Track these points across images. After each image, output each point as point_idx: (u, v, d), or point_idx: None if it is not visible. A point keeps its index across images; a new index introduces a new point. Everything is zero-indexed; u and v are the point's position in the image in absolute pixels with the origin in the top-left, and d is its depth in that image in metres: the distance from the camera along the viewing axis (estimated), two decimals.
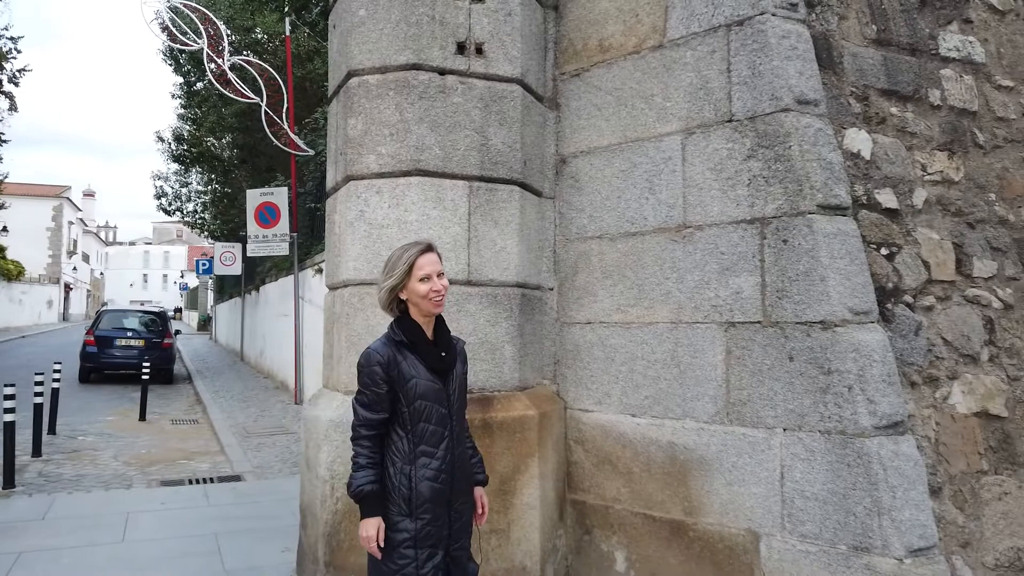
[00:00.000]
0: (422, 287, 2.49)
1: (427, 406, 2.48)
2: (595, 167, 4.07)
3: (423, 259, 2.51)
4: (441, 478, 2.48)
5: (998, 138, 4.14)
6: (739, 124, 3.46)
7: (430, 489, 2.46)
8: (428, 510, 2.46)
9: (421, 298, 2.50)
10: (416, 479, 2.45)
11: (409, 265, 2.49)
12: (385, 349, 2.49)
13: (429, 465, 2.47)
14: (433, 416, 2.49)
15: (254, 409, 11.46)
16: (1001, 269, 3.86)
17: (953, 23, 4.18)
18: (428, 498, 2.45)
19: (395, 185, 3.75)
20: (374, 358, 2.47)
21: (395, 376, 2.46)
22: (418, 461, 2.47)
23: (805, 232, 3.20)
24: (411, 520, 2.45)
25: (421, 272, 2.49)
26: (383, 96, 3.77)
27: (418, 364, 2.49)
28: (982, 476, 3.40)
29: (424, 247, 2.54)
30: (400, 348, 2.50)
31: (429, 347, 2.53)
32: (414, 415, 2.46)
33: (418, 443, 2.47)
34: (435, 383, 2.50)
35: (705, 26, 3.61)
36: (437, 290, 2.50)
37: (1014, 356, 3.74)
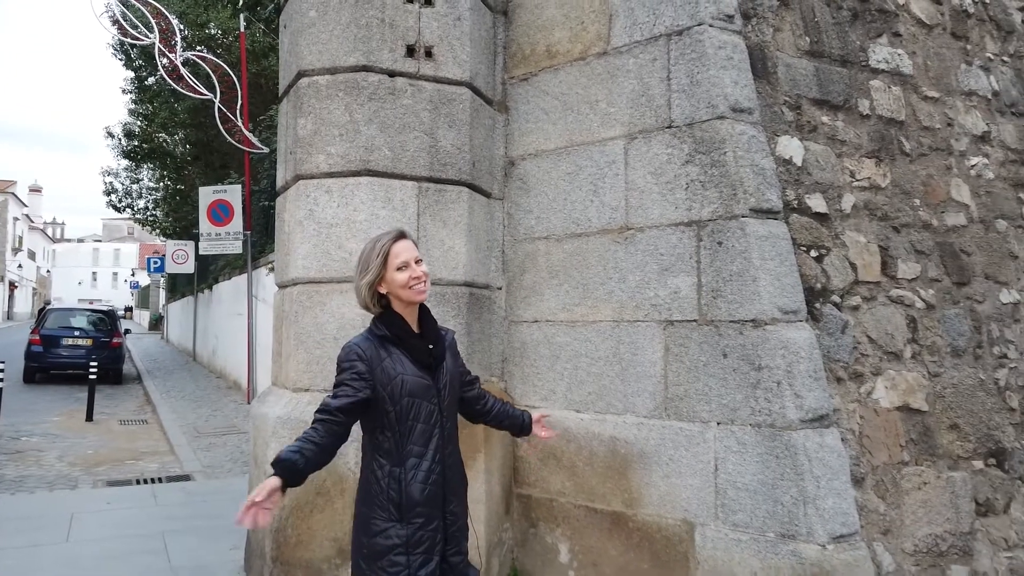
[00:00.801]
0: (401, 276, 2.33)
1: (415, 403, 2.31)
2: (542, 169, 4.17)
3: (397, 247, 2.36)
4: (432, 479, 2.32)
5: (923, 146, 4.36)
6: (678, 130, 3.60)
7: (421, 491, 2.30)
8: (420, 514, 2.30)
9: (401, 288, 2.34)
10: (406, 481, 2.29)
11: (384, 256, 2.34)
12: (367, 344, 2.33)
13: (419, 466, 2.31)
14: (422, 413, 2.33)
15: (206, 409, 11.33)
16: (924, 271, 4.08)
17: (883, 36, 4.39)
18: (419, 501, 2.29)
19: (344, 185, 3.80)
20: (354, 352, 2.30)
21: (378, 374, 2.28)
22: (407, 462, 2.30)
23: (738, 234, 3.35)
24: (401, 525, 2.28)
25: (397, 260, 2.34)
26: (333, 97, 3.82)
27: (404, 359, 2.33)
28: (903, 467, 3.60)
29: (396, 234, 2.39)
30: (384, 344, 2.34)
31: (415, 341, 2.37)
32: (401, 414, 2.30)
33: (406, 443, 2.31)
34: (424, 378, 2.34)
35: (647, 35, 3.74)
36: (417, 277, 2.35)
37: (935, 353, 3.95)
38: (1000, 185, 4.77)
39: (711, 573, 3.30)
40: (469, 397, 2.68)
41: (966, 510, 3.76)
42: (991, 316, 4.35)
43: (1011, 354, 4.37)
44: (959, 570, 3.63)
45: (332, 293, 3.79)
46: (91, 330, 15.52)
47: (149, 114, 18.78)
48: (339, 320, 3.77)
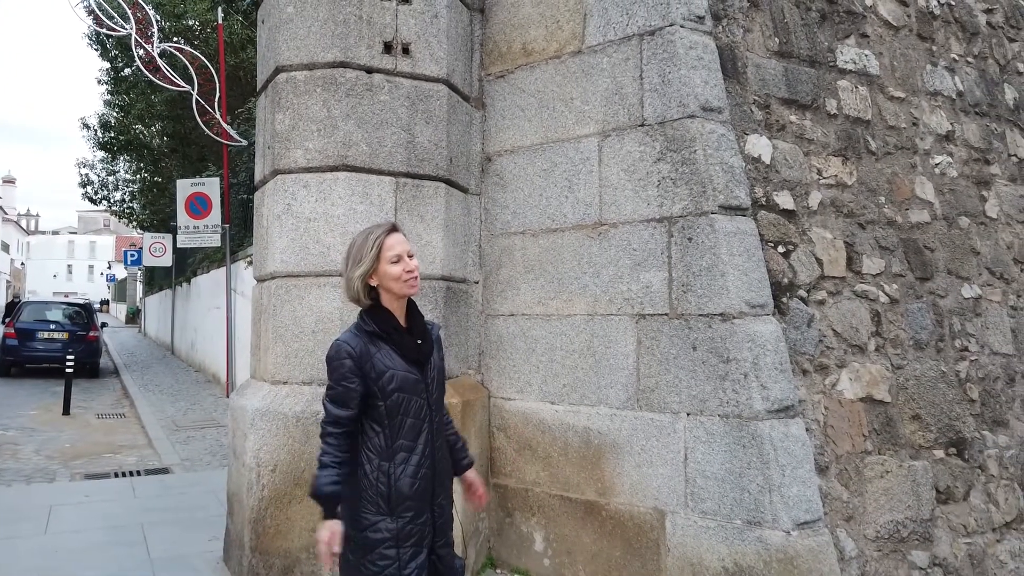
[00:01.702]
0: (394, 269, 2.32)
1: (404, 398, 2.32)
2: (518, 166, 4.24)
3: (391, 239, 2.35)
4: (421, 473, 2.34)
5: (889, 145, 4.48)
6: (650, 128, 3.68)
7: (410, 485, 2.32)
8: (410, 507, 2.32)
9: (394, 281, 2.33)
10: (395, 475, 2.30)
11: (378, 248, 2.33)
12: (356, 341, 2.31)
13: (409, 460, 2.32)
14: (411, 409, 2.33)
15: (184, 402, 11.30)
16: (888, 266, 4.20)
17: (851, 37, 4.50)
18: (408, 495, 2.31)
19: (322, 180, 3.85)
20: (344, 350, 2.29)
21: (368, 370, 2.28)
22: (396, 457, 2.31)
23: (708, 231, 3.44)
24: (391, 519, 2.30)
25: (391, 253, 2.33)
26: (311, 92, 3.86)
27: (393, 355, 2.33)
28: (866, 456, 3.72)
29: (389, 227, 2.39)
30: (373, 339, 2.33)
31: (404, 336, 2.37)
32: (391, 409, 2.30)
33: (396, 438, 2.32)
34: (412, 373, 2.35)
35: (620, 35, 3.82)
36: (410, 270, 2.35)
37: (898, 346, 4.08)
38: (963, 183, 4.92)
39: (680, 559, 3.41)
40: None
41: (927, 498, 3.89)
42: (953, 310, 4.49)
43: (972, 347, 4.51)
44: (919, 555, 3.76)
45: (310, 287, 3.83)
46: (67, 323, 15.37)
47: (125, 105, 18.58)
48: (317, 314, 3.82)
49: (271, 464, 3.72)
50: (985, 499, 4.19)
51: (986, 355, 4.58)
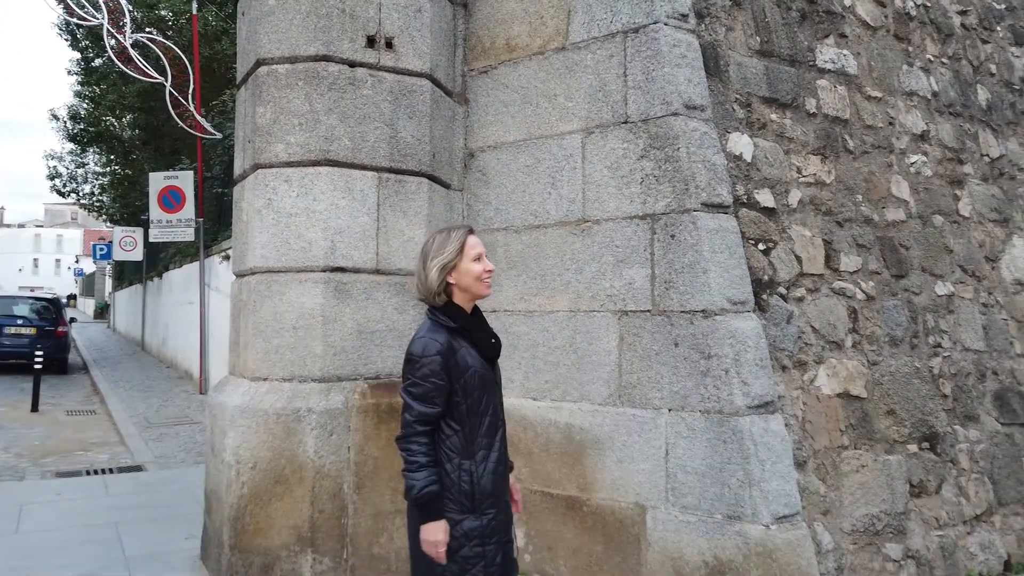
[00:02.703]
0: (476, 267, 2.35)
1: (484, 396, 2.35)
2: (501, 162, 4.24)
3: (472, 239, 2.38)
4: (499, 470, 2.39)
5: (866, 144, 4.55)
6: (634, 126, 3.69)
7: (492, 483, 2.35)
8: (492, 504, 2.35)
9: (475, 279, 2.35)
10: (477, 474, 2.33)
11: (461, 243, 2.35)
12: (443, 337, 2.31)
13: (489, 458, 2.36)
14: (490, 407, 2.37)
15: (156, 399, 11.15)
16: (865, 264, 4.27)
17: (830, 37, 4.56)
18: (491, 492, 2.35)
19: (304, 174, 3.81)
20: (433, 347, 2.28)
21: (452, 367, 2.29)
22: (477, 455, 2.34)
23: (690, 228, 3.47)
24: (475, 517, 2.32)
25: (473, 252, 2.35)
26: (292, 86, 3.82)
27: (473, 352, 2.35)
28: (843, 451, 3.78)
29: (469, 228, 2.42)
30: (454, 335, 2.33)
31: (483, 333, 2.41)
32: (472, 407, 2.33)
33: (476, 436, 2.34)
34: (488, 371, 2.38)
35: (604, 32, 3.83)
36: (490, 270, 2.40)
37: (874, 343, 4.14)
38: (937, 182, 5.00)
39: (661, 554, 3.43)
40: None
41: (901, 491, 3.96)
42: (927, 307, 4.58)
43: (945, 343, 4.60)
44: (893, 548, 3.83)
45: (291, 283, 3.80)
46: (35, 318, 15.06)
47: (96, 97, 18.25)
48: (298, 310, 3.78)
49: (251, 461, 3.69)
50: (956, 492, 4.28)
51: (958, 351, 4.68)
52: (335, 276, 3.80)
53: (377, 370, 3.87)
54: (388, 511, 3.76)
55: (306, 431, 3.66)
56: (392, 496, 3.77)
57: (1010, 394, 4.89)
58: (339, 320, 3.79)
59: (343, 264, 3.82)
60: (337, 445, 3.69)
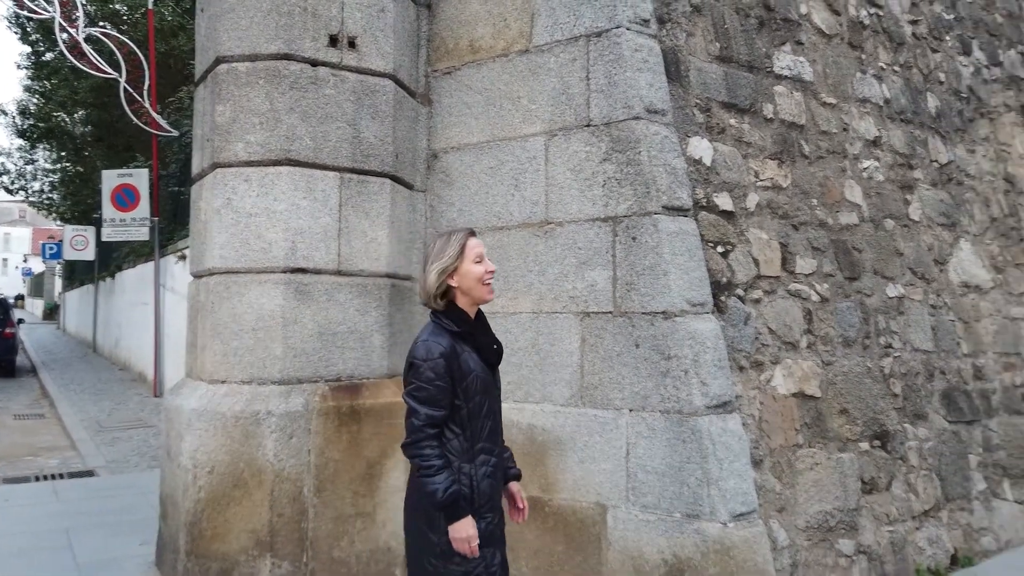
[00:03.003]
0: (477, 269, 2.33)
1: (485, 401, 2.35)
2: (465, 163, 4.24)
3: (473, 240, 2.36)
4: (497, 474, 2.42)
5: (821, 149, 4.66)
6: (596, 129, 3.73)
7: (490, 486, 2.37)
8: (491, 508, 2.37)
9: (476, 281, 2.34)
10: (477, 478, 2.33)
11: (461, 246, 2.33)
12: (446, 340, 2.30)
13: (488, 462, 2.37)
14: (491, 411, 2.38)
15: (108, 402, 10.88)
16: (820, 267, 4.37)
17: (787, 44, 4.66)
18: (489, 495, 2.37)
19: (264, 174, 3.76)
20: (436, 350, 2.28)
21: (455, 370, 2.29)
22: (478, 459, 2.35)
23: (651, 231, 3.51)
24: (475, 521, 2.32)
25: (473, 253, 2.33)
26: (253, 84, 3.77)
27: (475, 356, 2.35)
28: (798, 449, 3.86)
29: (470, 231, 2.40)
30: (456, 339, 2.33)
31: (485, 338, 2.40)
32: (474, 411, 2.33)
33: (477, 440, 2.35)
34: (489, 376, 2.39)
35: (567, 35, 3.85)
36: (492, 271, 2.38)
37: (828, 343, 4.25)
38: (889, 187, 5.15)
39: (621, 553, 3.47)
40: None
41: (853, 488, 4.06)
42: (878, 309, 4.70)
43: (895, 344, 4.74)
44: (846, 543, 3.93)
45: (251, 284, 3.75)
46: None
47: (47, 92, 17.75)
48: (258, 311, 3.73)
49: (208, 465, 3.63)
50: (906, 489, 4.41)
51: (908, 352, 4.82)
52: (296, 277, 3.76)
53: (338, 372, 3.84)
54: (349, 514, 3.73)
55: (265, 434, 3.62)
56: (353, 499, 3.75)
57: (957, 393, 5.05)
58: (300, 322, 3.75)
59: (304, 265, 3.78)
60: (297, 448, 3.65)
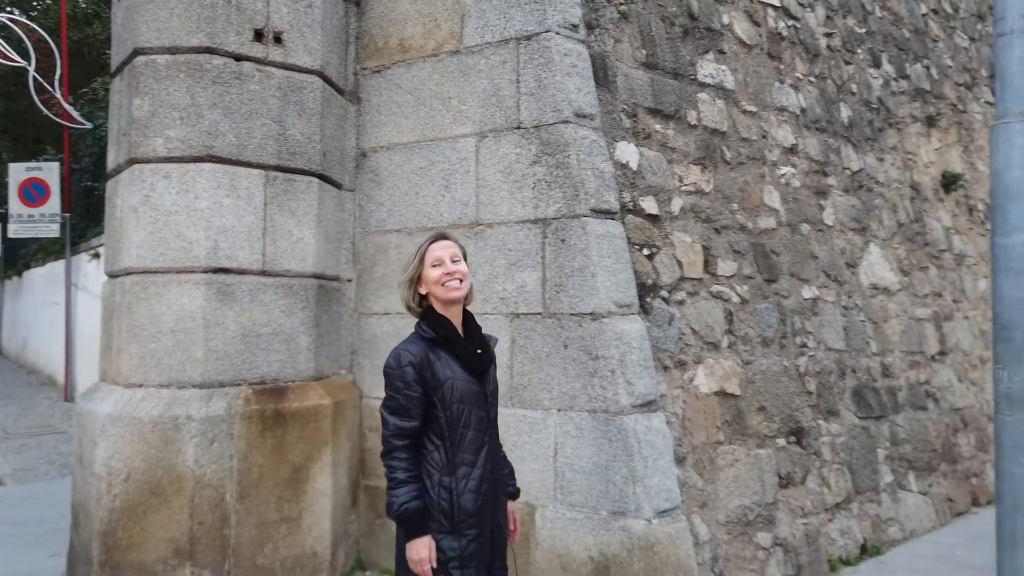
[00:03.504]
0: (433, 273, 2.29)
1: (466, 409, 2.27)
2: (395, 163, 4.21)
3: (435, 245, 2.34)
4: (484, 488, 2.29)
5: (742, 156, 4.82)
6: (526, 132, 3.76)
7: (473, 501, 2.26)
8: (473, 525, 2.26)
9: (434, 284, 2.30)
10: (457, 492, 2.25)
11: (421, 254, 2.33)
12: (417, 348, 2.27)
13: (471, 475, 2.27)
14: (472, 420, 2.28)
15: (15, 407, 10.33)
16: (740, 269, 4.52)
17: (710, 52, 4.80)
18: (472, 512, 2.25)
19: (185, 171, 3.65)
20: (405, 358, 2.25)
21: (428, 378, 2.24)
22: (458, 472, 2.26)
23: (580, 233, 3.57)
24: (454, 537, 2.24)
25: (432, 257, 2.31)
26: (173, 78, 3.65)
27: (453, 364, 2.28)
28: (719, 446, 3.99)
29: (437, 235, 2.39)
30: (432, 346, 2.28)
31: (465, 344, 2.33)
32: (452, 420, 2.25)
33: (457, 451, 2.26)
34: (473, 384, 2.30)
35: (498, 37, 3.87)
36: (450, 272, 2.29)
37: (747, 343, 4.40)
38: (805, 193, 5.37)
39: (549, 552, 3.51)
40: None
41: (770, 483, 4.23)
42: (795, 310, 4.90)
43: (810, 344, 4.95)
44: (764, 536, 4.08)
45: (170, 284, 3.63)
46: None
47: None
48: (177, 312, 3.62)
49: (124, 472, 3.50)
50: (820, 482, 4.61)
51: (822, 351, 5.04)
52: (218, 277, 3.66)
53: (263, 375, 3.75)
54: (273, 520, 3.66)
55: (185, 439, 3.51)
56: (278, 504, 3.67)
57: (866, 390, 5.31)
58: (222, 323, 3.65)
59: (227, 265, 3.68)
60: (219, 453, 3.56)
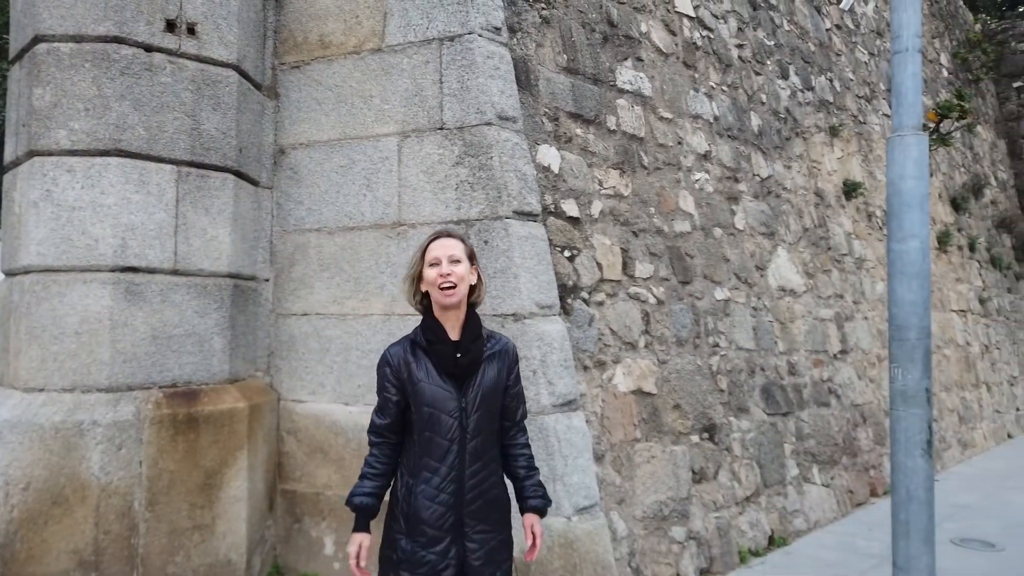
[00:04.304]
0: (430, 273, 2.24)
1: (433, 414, 2.22)
2: (315, 160, 4.13)
3: (435, 244, 2.27)
4: (441, 498, 2.22)
5: (659, 161, 4.96)
6: (449, 132, 3.76)
7: (425, 508, 2.21)
8: (424, 532, 2.20)
9: (431, 286, 2.24)
10: (415, 495, 2.22)
11: (422, 251, 2.28)
12: (397, 349, 2.30)
13: (430, 481, 2.22)
14: (439, 426, 2.22)
15: None
16: (656, 271, 4.66)
17: (628, 60, 4.92)
18: (424, 519, 2.20)
19: (90, 165, 3.48)
20: (384, 357, 2.30)
21: (404, 380, 2.25)
22: (420, 475, 2.23)
23: (502, 235, 3.60)
24: (407, 540, 2.22)
25: (430, 256, 2.25)
26: (78, 67, 3.48)
27: (429, 366, 2.25)
28: (636, 443, 4.10)
29: (439, 232, 2.32)
30: (414, 348, 2.28)
31: (443, 347, 2.25)
32: (420, 423, 2.24)
33: (422, 455, 2.24)
34: (445, 389, 2.24)
35: (420, 37, 3.86)
36: (444, 274, 2.21)
37: (663, 343, 4.54)
38: (718, 198, 5.57)
39: None
40: (500, 427, 2.40)
41: (684, 479, 4.37)
42: (708, 311, 5.08)
43: (722, 343, 5.14)
44: (678, 531, 4.22)
45: (74, 283, 3.46)
46: None
47: None
48: (82, 313, 3.45)
49: (23, 481, 3.31)
50: (731, 477, 4.80)
51: (733, 350, 5.24)
52: (126, 276, 3.51)
53: (174, 378, 3.62)
54: (185, 527, 3.54)
55: (90, 446, 3.35)
56: (190, 511, 3.55)
57: (774, 387, 5.56)
58: (130, 324, 3.51)
59: (136, 264, 3.53)
60: (127, 460, 3.41)
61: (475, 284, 2.32)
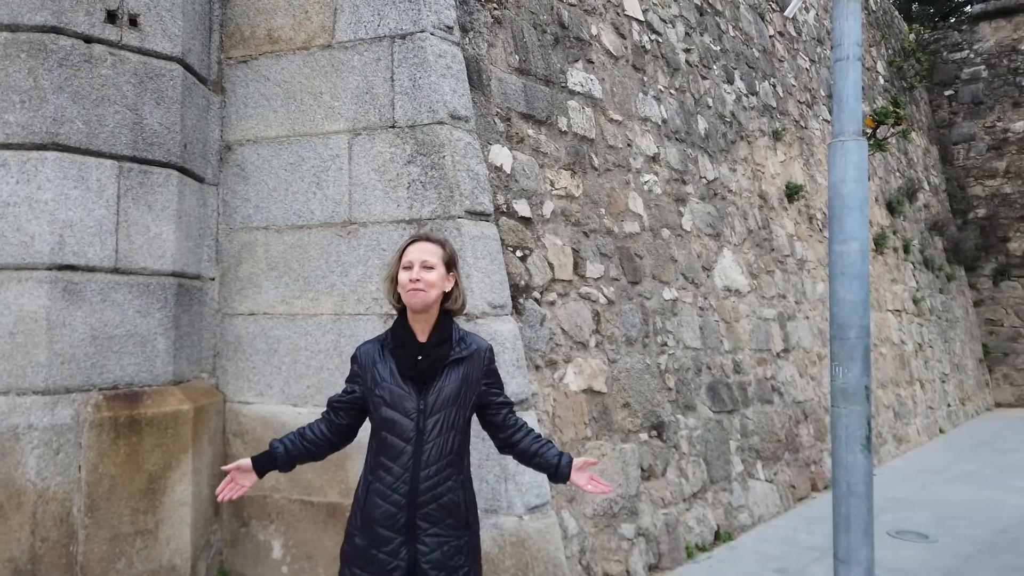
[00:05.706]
0: (402, 276, 2.25)
1: (391, 416, 2.24)
2: (262, 157, 4.06)
3: (413, 247, 2.28)
4: (393, 498, 2.22)
5: (609, 163, 5.02)
6: (401, 131, 3.74)
7: (376, 507, 2.23)
8: (373, 530, 2.22)
9: (401, 288, 2.25)
10: (369, 491, 2.26)
11: (400, 253, 2.29)
12: (368, 347, 2.35)
13: (383, 480, 2.24)
14: (396, 427, 2.24)
15: None
16: (607, 271, 4.71)
17: (579, 62, 4.96)
18: (374, 517, 2.22)
19: (26, 159, 3.35)
20: (354, 353, 2.37)
21: (368, 379, 2.29)
22: (376, 472, 2.26)
23: (455, 234, 3.59)
24: (361, 537, 2.24)
25: (405, 259, 2.26)
26: (13, 58, 3.34)
27: (392, 367, 2.27)
28: (586, 441, 4.14)
29: (419, 236, 2.33)
30: (382, 347, 2.31)
31: (403, 349, 2.27)
32: (379, 422, 2.27)
33: (380, 453, 2.27)
34: (403, 390, 2.25)
35: (372, 34, 3.82)
36: (414, 279, 2.21)
37: (613, 343, 4.59)
38: (666, 199, 5.66)
39: None
40: (493, 423, 2.45)
41: (634, 476, 4.43)
42: (656, 310, 5.16)
43: (670, 343, 5.22)
44: (627, 528, 4.27)
45: (8, 282, 3.32)
46: None
47: None
48: (16, 313, 3.32)
49: None
50: (678, 474, 4.88)
51: (680, 349, 5.33)
52: (64, 275, 3.39)
53: (116, 379, 3.51)
54: (127, 533, 3.43)
55: (26, 450, 3.22)
56: (132, 517, 3.45)
57: (720, 386, 5.68)
58: (69, 324, 3.39)
59: (74, 262, 3.41)
60: (65, 464, 3.29)
61: (450, 291, 2.32)
